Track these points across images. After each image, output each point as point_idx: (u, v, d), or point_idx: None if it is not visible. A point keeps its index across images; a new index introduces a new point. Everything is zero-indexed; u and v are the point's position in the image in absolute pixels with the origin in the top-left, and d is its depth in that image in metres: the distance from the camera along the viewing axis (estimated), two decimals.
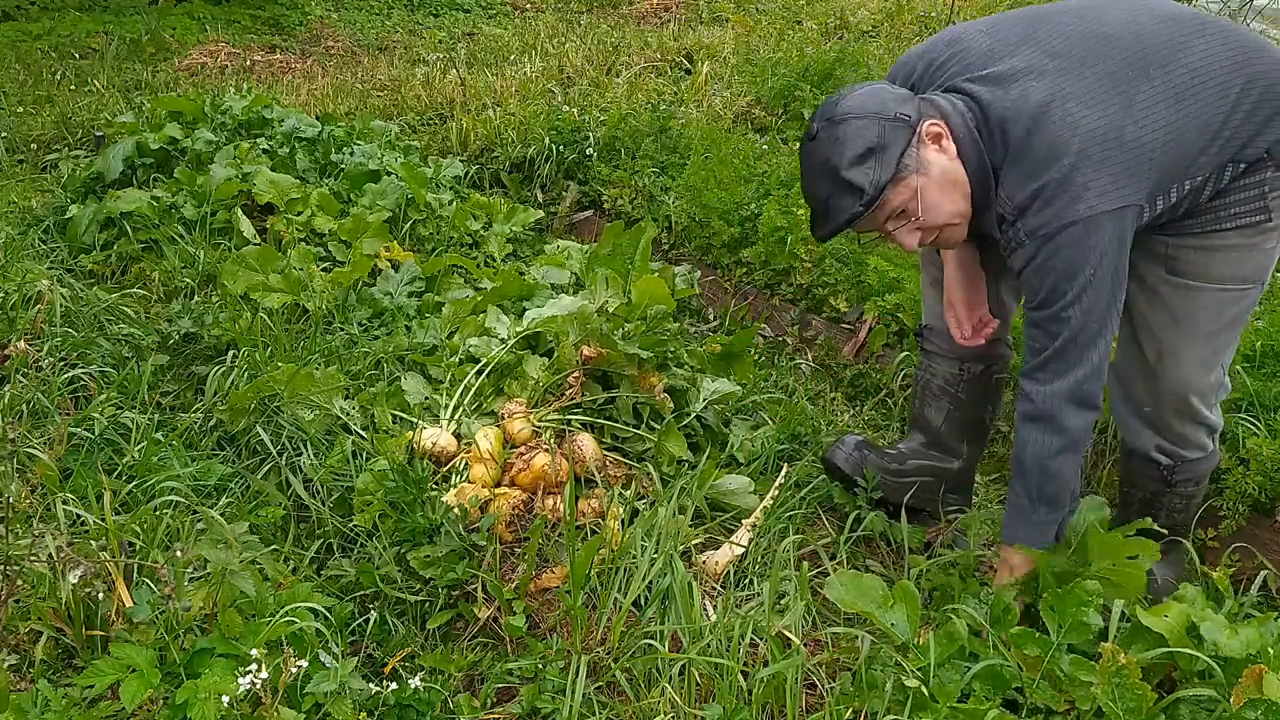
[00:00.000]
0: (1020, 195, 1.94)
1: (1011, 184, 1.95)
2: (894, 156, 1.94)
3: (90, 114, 5.65)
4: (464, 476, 2.64)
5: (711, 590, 2.37)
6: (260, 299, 3.47)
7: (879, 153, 1.94)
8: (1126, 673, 1.73)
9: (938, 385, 2.56)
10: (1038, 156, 1.91)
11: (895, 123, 1.94)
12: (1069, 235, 1.90)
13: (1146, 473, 2.36)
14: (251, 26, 8.89)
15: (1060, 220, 1.90)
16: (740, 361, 3.18)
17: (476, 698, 2.08)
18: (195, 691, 1.77)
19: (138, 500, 2.41)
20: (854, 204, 1.97)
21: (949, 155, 1.98)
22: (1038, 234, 1.93)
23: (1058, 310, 1.97)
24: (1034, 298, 2.01)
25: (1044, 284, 1.97)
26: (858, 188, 1.96)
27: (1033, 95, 1.93)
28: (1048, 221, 1.91)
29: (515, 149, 5.07)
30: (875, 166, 1.94)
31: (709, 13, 8.77)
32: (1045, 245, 1.93)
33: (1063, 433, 2.05)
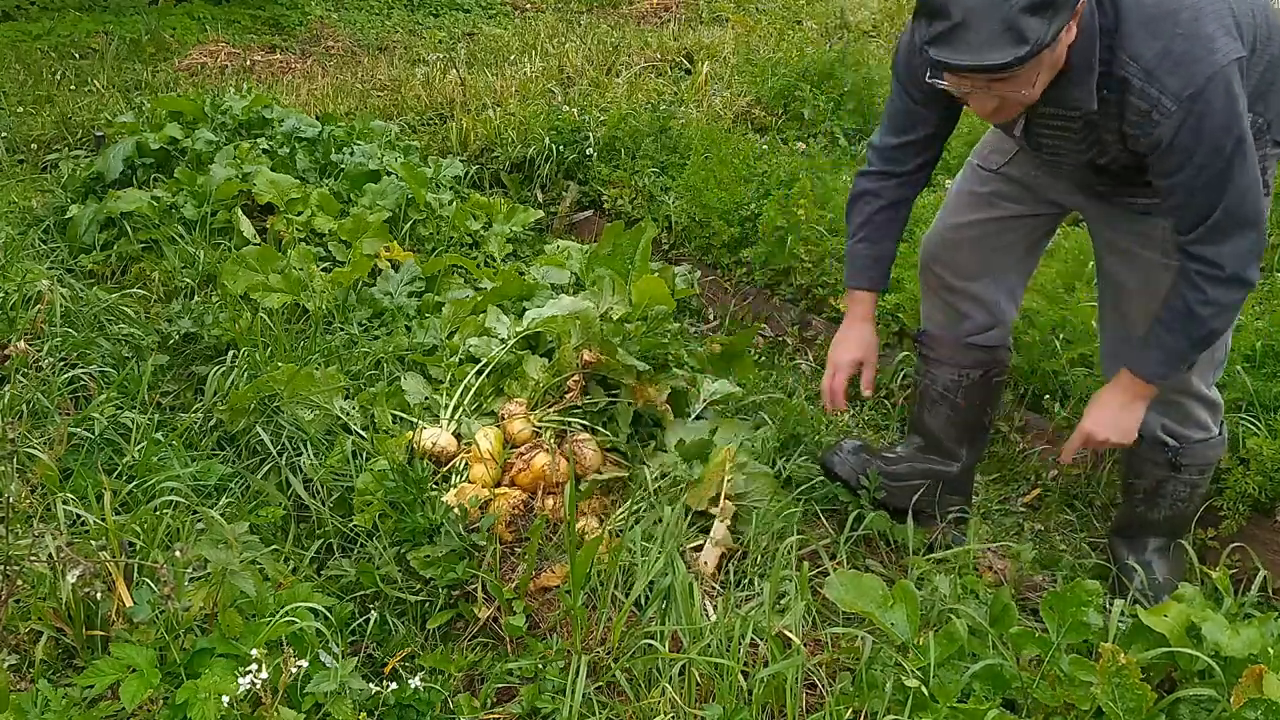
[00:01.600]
0: (1149, 54, 1.82)
1: (1135, 44, 1.83)
2: (1062, 20, 1.74)
3: (90, 114, 5.65)
4: (464, 476, 2.64)
5: (711, 590, 2.37)
6: (260, 299, 3.47)
7: (1054, 9, 1.72)
8: (1126, 673, 1.73)
9: (936, 391, 2.53)
10: (1152, 15, 1.82)
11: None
12: (1216, 88, 1.81)
13: (1152, 458, 2.36)
14: (251, 26, 8.89)
15: (1203, 74, 1.80)
16: (740, 361, 3.18)
17: (476, 698, 2.08)
18: (195, 691, 1.77)
19: (138, 500, 2.41)
20: (1012, 53, 1.72)
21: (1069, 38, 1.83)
22: (1184, 95, 1.82)
23: (1221, 169, 1.87)
24: (1186, 163, 1.89)
25: (1200, 144, 1.85)
26: (1023, 38, 1.71)
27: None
28: (1190, 79, 1.81)
29: (515, 149, 5.07)
30: (1045, 24, 1.71)
31: (709, 13, 8.77)
32: (1196, 103, 1.82)
33: (1248, 285, 1.99)
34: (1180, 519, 2.42)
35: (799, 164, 4.36)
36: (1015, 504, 2.95)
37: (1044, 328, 3.18)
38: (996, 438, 3.17)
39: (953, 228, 2.45)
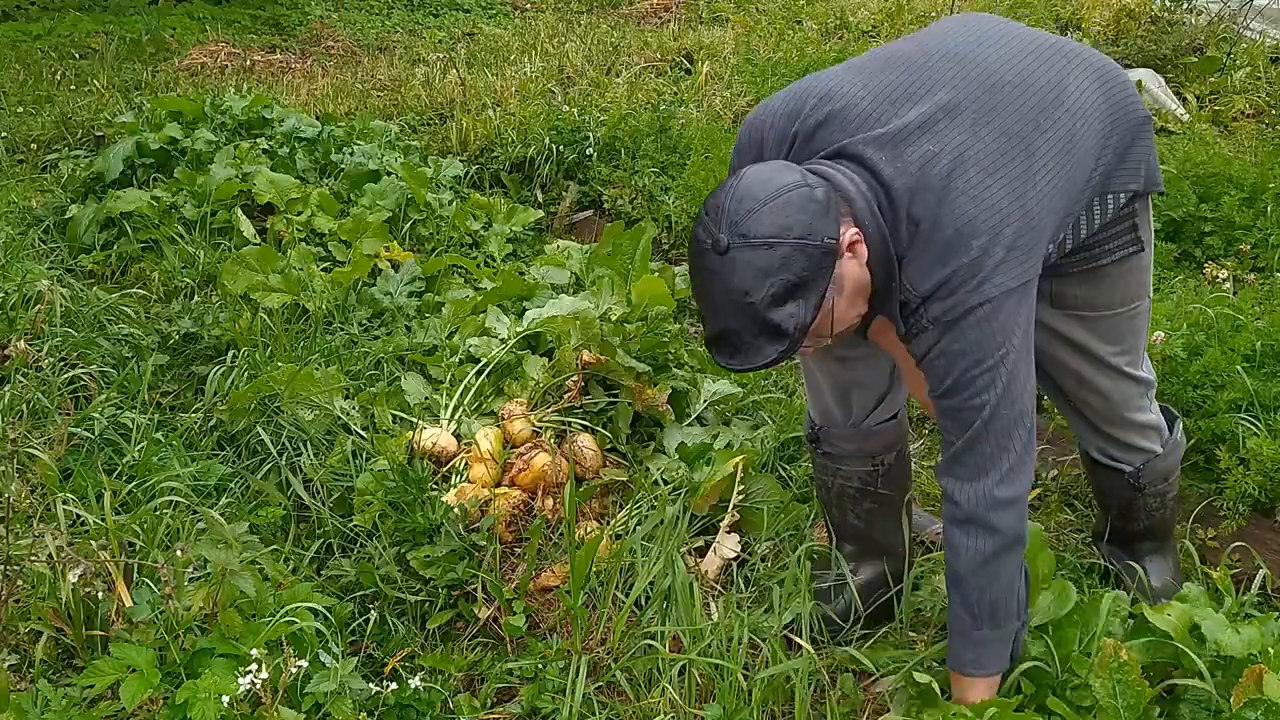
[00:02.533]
0: (927, 284, 1.74)
1: (917, 272, 1.75)
2: (819, 292, 1.68)
3: (90, 114, 5.65)
4: (464, 476, 2.64)
5: (712, 591, 2.37)
6: (260, 299, 3.47)
7: (804, 290, 1.66)
8: (1127, 669, 1.73)
9: (854, 489, 2.27)
10: (947, 241, 1.72)
11: (822, 249, 1.66)
12: (975, 317, 1.73)
13: (1114, 484, 2.31)
14: (251, 26, 8.89)
15: (966, 304, 1.72)
16: None
17: (476, 698, 2.08)
18: (195, 691, 1.77)
19: (138, 500, 2.41)
20: (775, 350, 1.69)
21: (860, 260, 1.75)
22: (942, 320, 1.74)
23: (968, 398, 1.78)
24: (939, 385, 1.81)
25: (951, 370, 1.77)
26: (781, 332, 1.68)
27: (935, 166, 1.73)
28: (953, 307, 1.73)
29: (515, 149, 5.07)
30: (800, 307, 1.66)
31: (709, 13, 8.77)
32: (950, 330, 1.74)
33: (996, 533, 1.82)
34: (1161, 524, 2.39)
35: None
36: None
37: None
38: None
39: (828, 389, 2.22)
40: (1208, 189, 3.95)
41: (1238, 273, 3.65)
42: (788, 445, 2.88)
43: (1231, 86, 5.45)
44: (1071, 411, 2.24)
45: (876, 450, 2.24)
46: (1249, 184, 3.96)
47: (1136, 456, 2.26)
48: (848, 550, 2.36)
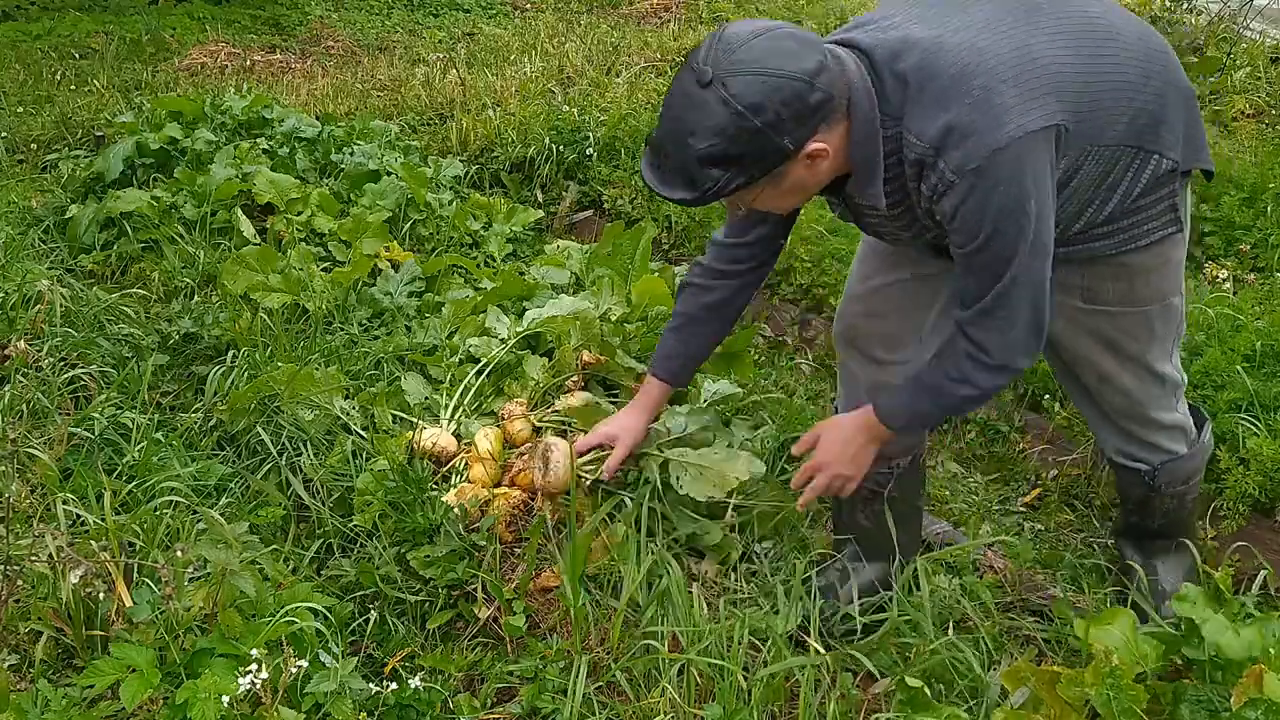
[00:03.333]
0: (932, 130, 1.70)
1: (920, 122, 1.71)
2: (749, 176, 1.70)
3: (90, 114, 5.65)
4: (464, 476, 2.64)
5: (713, 591, 2.37)
6: (260, 299, 3.47)
7: (737, 166, 1.68)
8: (1120, 673, 1.73)
9: (868, 490, 2.26)
10: (943, 86, 1.69)
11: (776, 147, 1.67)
12: (1001, 162, 1.68)
13: (1130, 480, 2.30)
14: (251, 26, 8.89)
15: (987, 147, 1.67)
16: (740, 361, 3.17)
17: (476, 698, 2.08)
18: (195, 691, 1.77)
19: (138, 500, 2.41)
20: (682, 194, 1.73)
21: (815, 170, 1.75)
22: (966, 169, 1.69)
23: (1000, 249, 1.74)
24: (971, 240, 1.77)
25: (982, 222, 1.73)
26: (696, 185, 1.71)
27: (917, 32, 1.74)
28: (973, 151, 1.68)
29: (515, 149, 5.07)
30: (725, 178, 1.69)
31: (709, 13, 8.77)
32: (977, 179, 1.69)
33: (1014, 373, 1.89)
34: (1178, 524, 2.38)
35: None
36: (1015, 504, 2.95)
37: None
38: (997, 438, 3.17)
39: (872, 291, 2.22)
40: (1207, 189, 3.95)
41: (1238, 273, 3.65)
42: (788, 445, 2.88)
43: (1231, 86, 5.45)
44: (1092, 408, 2.22)
45: (894, 454, 2.23)
46: (1249, 184, 3.96)
47: (1157, 456, 2.23)
48: (852, 549, 2.37)
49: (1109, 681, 1.72)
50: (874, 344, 2.21)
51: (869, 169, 1.77)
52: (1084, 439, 3.02)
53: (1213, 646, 1.78)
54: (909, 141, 1.73)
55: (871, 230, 2.02)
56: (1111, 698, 1.71)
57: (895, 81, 1.72)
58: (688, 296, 2.26)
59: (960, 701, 1.99)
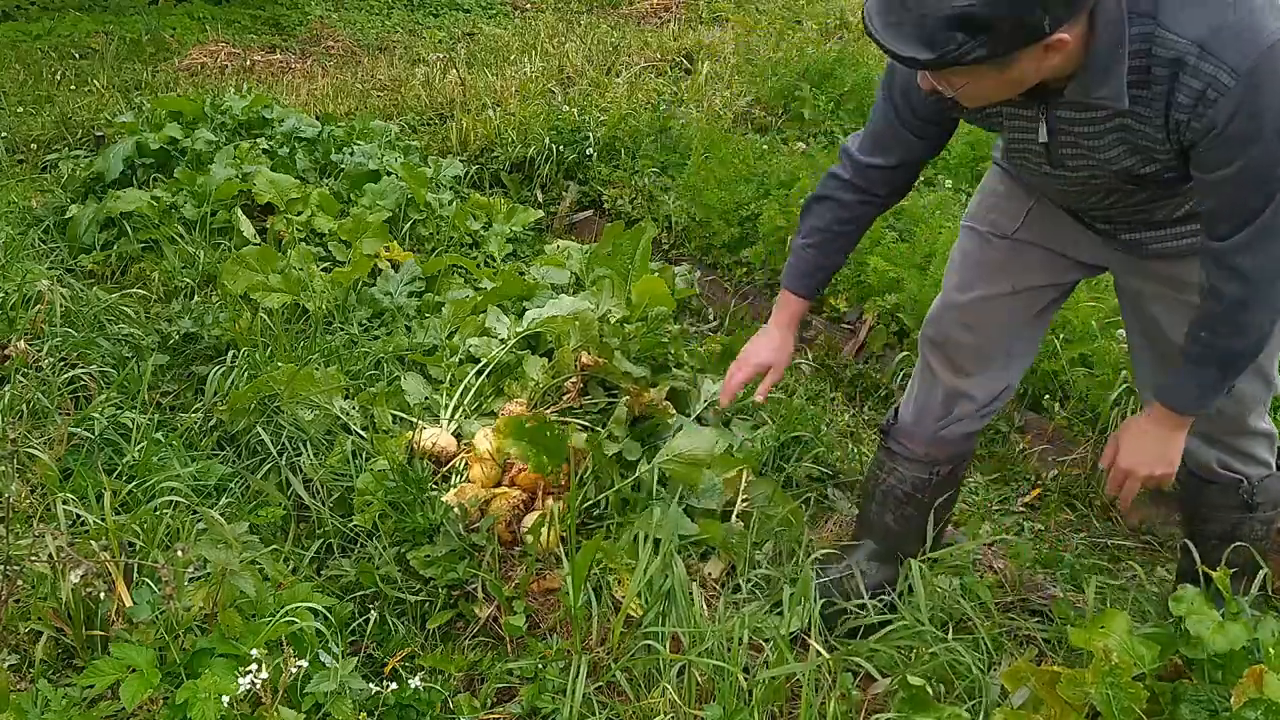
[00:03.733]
0: (1195, 29, 1.59)
1: (1182, 23, 1.60)
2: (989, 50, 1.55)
3: (90, 114, 5.65)
4: (464, 476, 2.64)
5: (713, 591, 2.37)
6: (260, 299, 3.47)
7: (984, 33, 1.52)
8: (1119, 672, 1.73)
9: (903, 491, 2.26)
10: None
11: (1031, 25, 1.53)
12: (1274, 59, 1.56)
13: (1224, 501, 2.18)
14: (251, 26, 8.89)
15: (1260, 45, 1.56)
16: None
17: (476, 698, 2.08)
18: (195, 691, 1.77)
19: (138, 500, 2.41)
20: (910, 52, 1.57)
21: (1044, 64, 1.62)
22: (1242, 69, 1.56)
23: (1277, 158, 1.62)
24: (1239, 153, 1.63)
25: (1259, 127, 1.60)
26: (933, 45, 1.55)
27: None
28: (1248, 50, 1.56)
29: (515, 149, 5.07)
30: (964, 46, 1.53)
31: (709, 13, 8.77)
32: (1255, 77, 1.56)
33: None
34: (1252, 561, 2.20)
35: (799, 164, 4.36)
36: (1015, 504, 2.95)
37: None
38: (997, 438, 3.17)
39: (973, 302, 2.15)
40: None
41: None
42: (788, 445, 2.89)
43: None
44: None
45: (940, 459, 2.23)
46: None
47: (1254, 469, 2.13)
48: (869, 549, 2.35)
49: (1109, 680, 1.72)
50: (964, 355, 2.17)
51: (1109, 64, 1.64)
52: (1084, 439, 3.02)
53: (1199, 640, 1.78)
54: (1164, 39, 1.62)
55: (1058, 157, 1.88)
56: (1111, 697, 1.71)
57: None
58: (824, 210, 2.14)
59: (960, 701, 1.99)
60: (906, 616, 2.17)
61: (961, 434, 2.23)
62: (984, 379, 2.18)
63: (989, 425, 3.17)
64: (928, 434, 2.23)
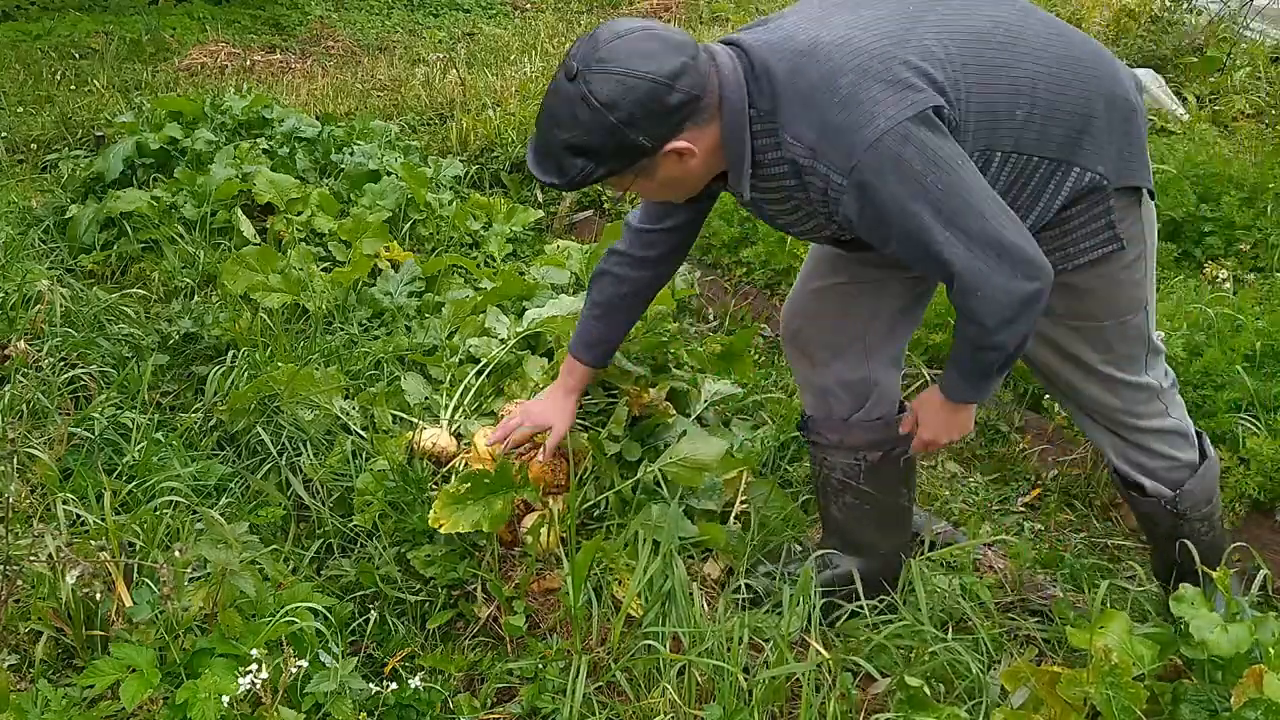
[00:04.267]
0: (808, 133, 1.70)
1: (794, 124, 1.72)
2: (609, 169, 1.77)
3: (90, 114, 5.66)
4: None
5: (713, 591, 2.37)
6: (260, 299, 3.47)
7: (598, 158, 1.75)
8: (1119, 672, 1.73)
9: (836, 480, 2.27)
10: (811, 85, 1.69)
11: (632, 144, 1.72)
12: (880, 155, 1.65)
13: (1154, 511, 2.22)
14: (251, 26, 8.89)
15: (864, 142, 1.65)
16: (740, 361, 3.18)
17: (476, 698, 2.08)
18: (195, 691, 1.77)
19: (138, 500, 2.41)
20: (554, 180, 1.81)
21: (685, 164, 1.79)
22: (849, 170, 1.67)
23: (926, 240, 1.70)
24: (887, 239, 1.74)
25: (892, 221, 1.70)
26: (564, 173, 1.78)
27: (800, 32, 1.75)
28: (851, 150, 1.66)
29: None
30: (589, 168, 1.76)
31: (709, 13, 8.77)
32: (864, 175, 1.67)
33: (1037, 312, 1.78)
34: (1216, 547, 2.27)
35: None
36: (1015, 504, 2.95)
37: None
38: (997, 438, 3.17)
39: (812, 292, 2.22)
40: (1208, 189, 3.95)
41: (1238, 273, 3.65)
42: (788, 445, 2.89)
43: (1231, 86, 5.45)
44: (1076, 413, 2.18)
45: (859, 445, 2.23)
46: (1249, 184, 3.96)
47: (1158, 463, 2.16)
48: (831, 541, 2.36)
49: (1109, 680, 1.72)
50: (814, 346, 2.23)
51: (738, 164, 1.81)
52: (1084, 439, 3.02)
53: (1201, 643, 1.78)
54: (786, 143, 1.75)
55: (778, 226, 2.02)
56: (1111, 697, 1.71)
57: (767, 81, 1.75)
58: (605, 285, 2.30)
59: (960, 701, 1.99)
60: (907, 616, 2.17)
61: (867, 421, 2.22)
62: (837, 370, 2.20)
63: (988, 425, 3.19)
64: (831, 423, 2.25)
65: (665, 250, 2.24)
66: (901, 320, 2.20)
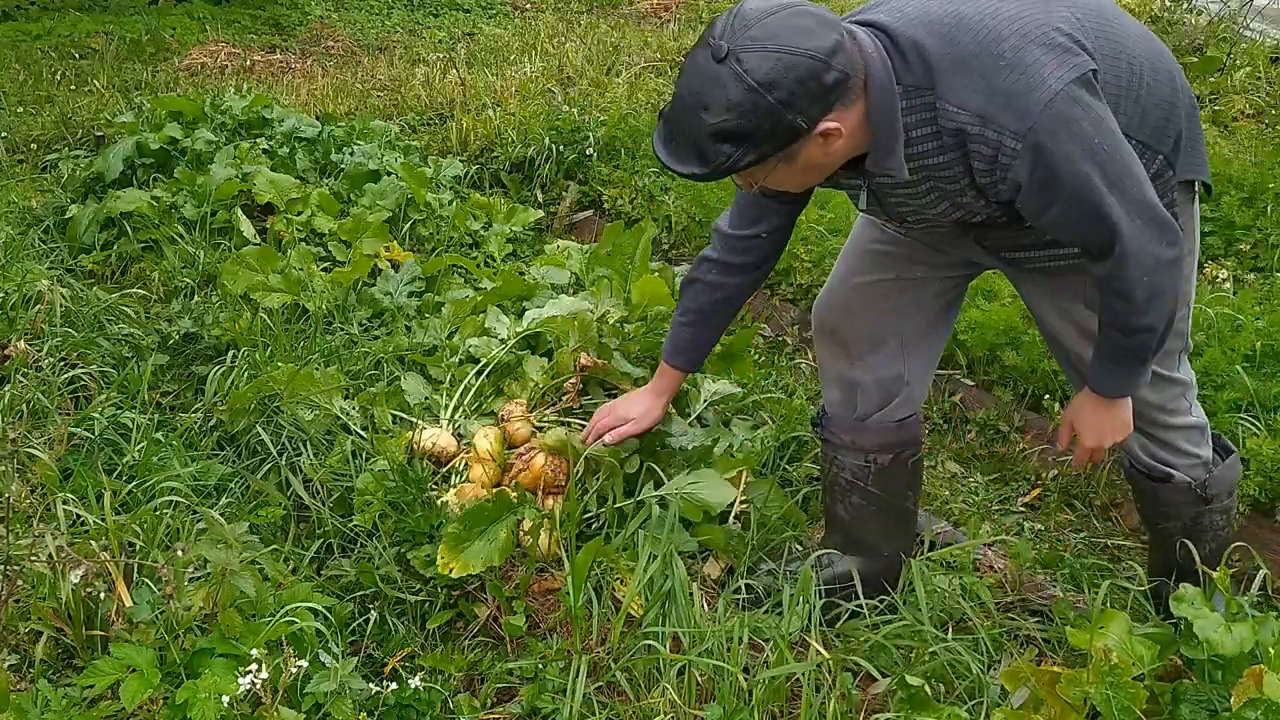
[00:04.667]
0: (974, 99, 1.67)
1: (955, 92, 1.69)
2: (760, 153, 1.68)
3: (90, 114, 5.66)
4: (464, 477, 2.64)
5: (713, 591, 2.37)
6: (260, 299, 3.47)
7: (749, 143, 1.66)
8: (1119, 672, 1.73)
9: (845, 479, 2.28)
10: (969, 52, 1.67)
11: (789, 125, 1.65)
12: (1054, 116, 1.65)
13: (1179, 499, 2.19)
14: (251, 26, 8.89)
15: (1037, 104, 1.64)
16: (740, 361, 3.18)
17: (476, 698, 2.08)
18: (195, 691, 1.77)
19: (138, 500, 2.41)
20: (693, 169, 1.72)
21: (830, 148, 1.73)
22: (1024, 132, 1.65)
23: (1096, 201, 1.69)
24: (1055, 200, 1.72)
25: (1059, 176, 1.68)
26: (706, 160, 1.69)
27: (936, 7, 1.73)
28: (1025, 112, 1.65)
29: (515, 149, 5.07)
30: (737, 154, 1.67)
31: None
32: (1039, 137, 1.66)
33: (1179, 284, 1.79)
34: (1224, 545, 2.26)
35: None
36: (1015, 504, 2.95)
37: None
38: (997, 438, 3.17)
39: (853, 288, 2.21)
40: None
41: (1238, 273, 3.65)
42: (788, 446, 2.89)
43: (1231, 86, 5.45)
44: None
45: (870, 447, 2.24)
46: (1249, 184, 3.96)
47: (1181, 459, 2.17)
48: (834, 540, 2.37)
49: (1108, 680, 1.72)
50: (854, 340, 2.22)
51: (888, 140, 1.75)
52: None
53: (1205, 644, 1.78)
54: (946, 112, 1.70)
55: (896, 214, 1.98)
56: (1111, 697, 1.71)
57: (916, 54, 1.71)
58: (697, 292, 2.25)
59: (960, 701, 1.99)
60: (907, 616, 2.17)
61: (885, 422, 2.23)
62: (873, 364, 2.21)
63: (988, 425, 3.19)
64: (846, 423, 2.26)
65: (759, 256, 2.19)
66: (939, 321, 2.22)
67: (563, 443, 2.50)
